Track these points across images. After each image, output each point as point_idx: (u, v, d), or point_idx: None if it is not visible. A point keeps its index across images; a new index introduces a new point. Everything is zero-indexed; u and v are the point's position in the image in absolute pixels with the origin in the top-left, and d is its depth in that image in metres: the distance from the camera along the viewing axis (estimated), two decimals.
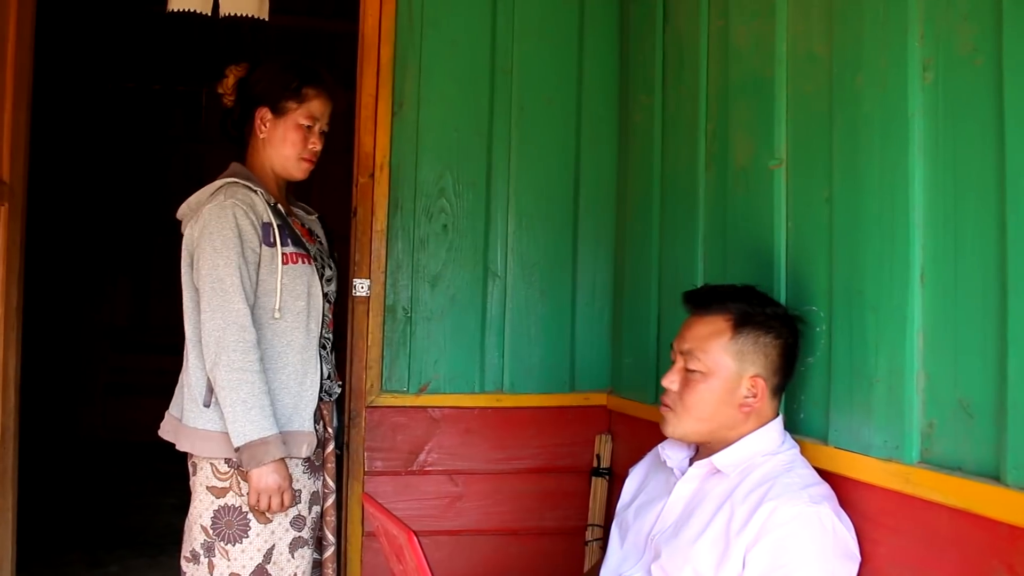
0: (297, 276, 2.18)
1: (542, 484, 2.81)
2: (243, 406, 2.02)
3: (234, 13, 2.66)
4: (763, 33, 2.01)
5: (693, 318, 1.77)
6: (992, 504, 1.33)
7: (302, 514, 2.20)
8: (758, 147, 2.02)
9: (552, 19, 2.89)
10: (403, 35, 2.81)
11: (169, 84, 6.78)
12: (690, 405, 1.71)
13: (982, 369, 1.39)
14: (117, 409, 6.60)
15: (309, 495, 2.22)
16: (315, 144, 2.30)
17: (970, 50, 1.43)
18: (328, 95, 2.31)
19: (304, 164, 2.30)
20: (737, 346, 1.69)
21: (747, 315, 1.71)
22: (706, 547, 1.61)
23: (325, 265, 2.33)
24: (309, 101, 2.27)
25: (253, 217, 2.14)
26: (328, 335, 2.31)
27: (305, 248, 2.23)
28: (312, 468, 2.24)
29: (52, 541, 4.32)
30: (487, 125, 2.84)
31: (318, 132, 2.31)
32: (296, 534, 2.18)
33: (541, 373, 2.85)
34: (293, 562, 2.17)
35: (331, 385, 2.32)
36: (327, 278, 2.31)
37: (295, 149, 2.27)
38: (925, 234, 1.52)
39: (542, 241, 2.87)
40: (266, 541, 2.12)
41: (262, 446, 2.02)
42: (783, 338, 1.73)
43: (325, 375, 2.27)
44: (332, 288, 2.34)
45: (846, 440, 1.68)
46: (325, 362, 2.28)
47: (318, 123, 2.30)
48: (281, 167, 2.29)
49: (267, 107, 2.27)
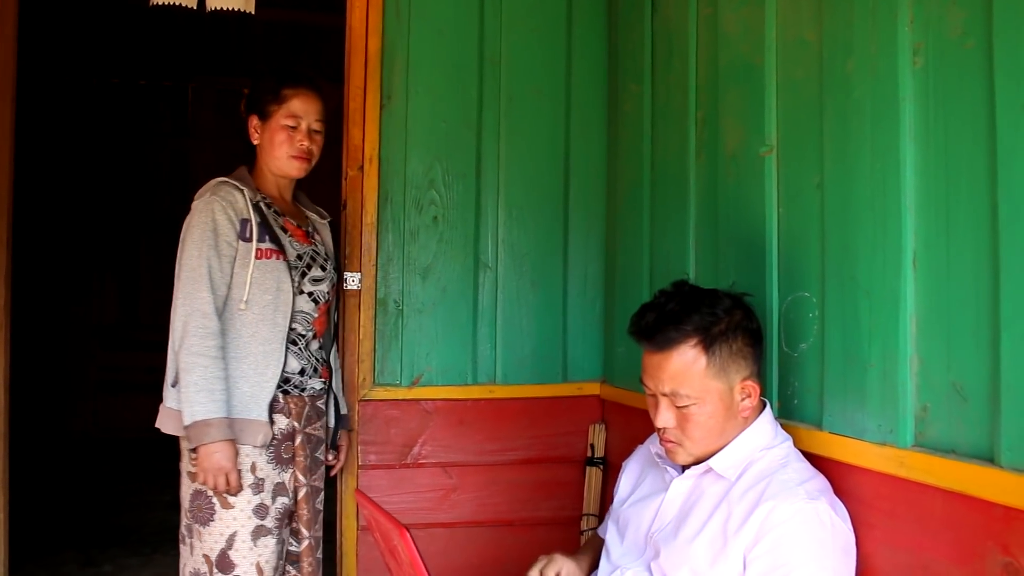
0: (268, 271, 2.27)
1: (536, 475, 2.82)
2: (194, 387, 2.15)
3: (220, 8, 2.65)
4: (752, 19, 2.00)
5: (656, 356, 1.67)
6: (986, 486, 1.33)
7: (265, 503, 2.24)
8: (748, 134, 2.02)
9: (540, 8, 2.89)
10: (390, 27, 2.80)
11: (155, 79, 6.75)
12: (697, 436, 1.67)
13: (975, 352, 1.39)
14: (108, 407, 6.58)
15: (273, 485, 2.26)
16: (303, 142, 2.36)
17: (960, 34, 1.43)
18: (309, 93, 2.38)
19: (295, 162, 2.36)
20: (716, 366, 1.65)
21: (710, 330, 1.65)
22: (703, 546, 1.61)
23: (318, 266, 2.39)
24: (288, 101, 2.35)
25: (232, 213, 2.25)
26: (306, 332, 2.35)
27: (280, 246, 2.29)
28: (279, 459, 2.27)
29: (45, 541, 4.30)
30: (476, 116, 2.84)
31: (306, 130, 2.37)
32: (258, 522, 2.23)
33: (534, 364, 2.85)
34: (255, 550, 2.21)
35: (303, 380, 2.34)
36: (314, 278, 2.37)
37: (283, 149, 2.35)
38: (917, 218, 1.52)
39: (533, 231, 2.87)
40: (228, 526, 2.21)
41: (204, 427, 2.13)
42: (748, 329, 1.70)
43: (297, 370, 2.33)
44: (322, 288, 2.40)
45: (840, 425, 1.68)
46: (297, 357, 2.33)
47: (303, 121, 2.36)
48: (276, 168, 2.39)
49: (255, 114, 2.39)
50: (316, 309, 2.38)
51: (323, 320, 2.41)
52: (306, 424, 2.35)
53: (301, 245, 2.37)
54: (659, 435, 1.73)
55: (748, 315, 1.72)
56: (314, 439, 2.38)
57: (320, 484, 2.43)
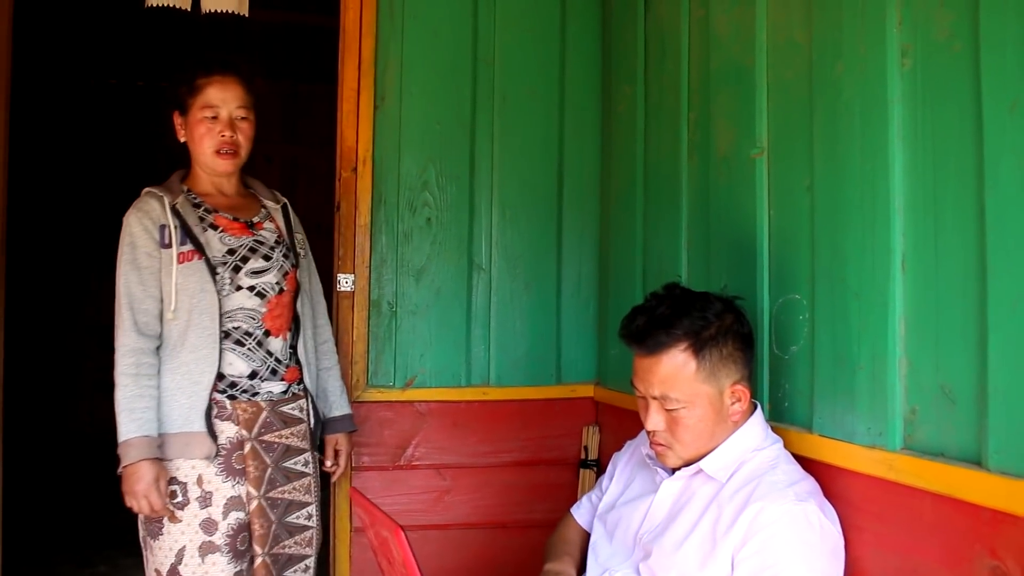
0: (191, 274, 2.15)
1: (530, 476, 2.81)
2: (117, 408, 2.11)
3: (215, 9, 2.65)
4: (743, 21, 2.00)
5: (647, 359, 1.67)
6: (974, 489, 1.33)
7: (213, 518, 2.12)
8: (740, 136, 2.02)
9: (534, 9, 2.89)
10: (384, 28, 2.80)
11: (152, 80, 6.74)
12: (687, 440, 1.67)
13: (963, 355, 1.39)
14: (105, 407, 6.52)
15: (225, 499, 2.13)
16: (225, 132, 2.23)
17: (947, 36, 1.43)
18: (225, 79, 2.25)
19: (220, 159, 2.25)
20: (706, 370, 1.64)
21: (700, 334, 1.65)
22: (693, 549, 1.61)
23: (259, 257, 2.23)
24: (203, 91, 2.24)
25: (148, 223, 2.18)
26: (255, 329, 2.20)
27: (198, 245, 2.16)
28: (230, 471, 2.14)
29: (40, 541, 4.30)
30: (470, 117, 2.84)
31: (227, 119, 2.24)
32: (206, 538, 2.11)
33: (527, 365, 2.85)
34: (203, 567, 2.10)
35: (255, 384, 2.20)
36: (253, 270, 2.21)
37: (204, 143, 2.24)
38: (906, 220, 1.52)
39: (526, 233, 2.86)
40: (176, 541, 2.11)
41: (125, 448, 2.08)
42: (740, 334, 1.70)
43: (245, 372, 2.18)
44: (267, 280, 2.22)
45: (830, 428, 1.68)
46: (246, 359, 2.19)
47: (222, 110, 2.24)
48: (204, 165, 2.28)
49: (176, 110, 2.30)
50: (264, 303, 2.21)
51: (280, 314, 2.24)
52: (263, 432, 2.19)
53: (236, 238, 2.22)
54: (649, 438, 1.73)
55: (739, 319, 1.72)
56: (277, 447, 2.21)
57: (296, 497, 2.24)
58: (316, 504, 2.30)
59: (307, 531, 2.27)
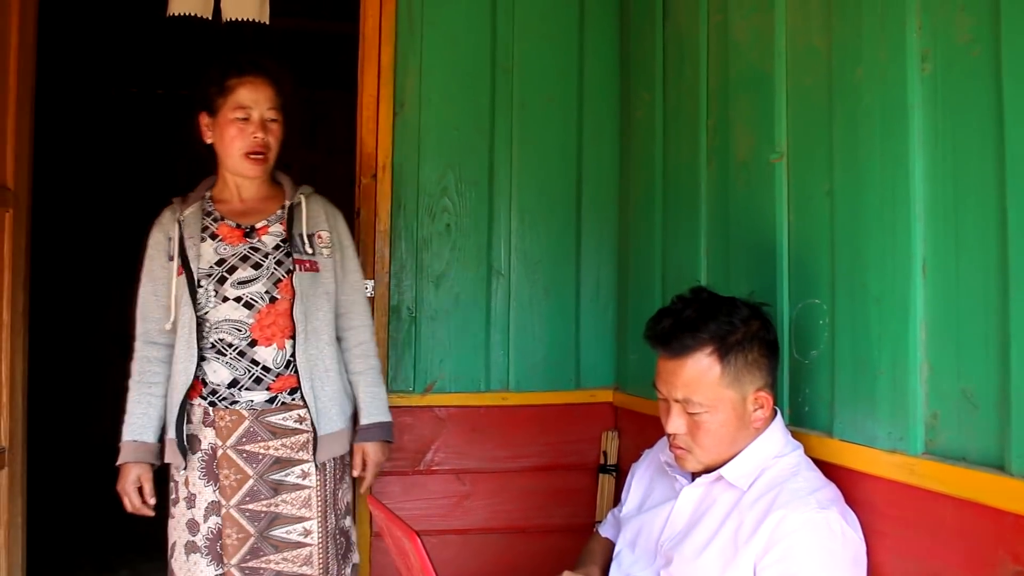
0: (182, 287, 2.20)
1: (549, 482, 2.82)
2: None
3: (235, 17, 2.67)
4: (762, 27, 2.01)
5: (671, 362, 1.67)
6: (997, 494, 1.32)
7: (196, 519, 2.17)
8: (759, 141, 2.02)
9: (552, 16, 2.89)
10: (403, 35, 2.81)
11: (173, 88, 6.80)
12: (707, 444, 1.66)
13: (985, 359, 1.39)
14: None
15: (205, 502, 2.16)
16: (258, 134, 2.22)
17: (968, 41, 1.43)
18: (257, 80, 2.23)
19: (249, 162, 2.23)
20: (731, 375, 1.64)
21: (727, 339, 1.64)
22: (714, 556, 1.61)
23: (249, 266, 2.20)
24: (234, 91, 2.21)
25: (161, 235, 2.28)
26: (238, 340, 2.17)
27: (184, 259, 2.19)
28: (210, 476, 2.17)
29: (62, 547, 4.33)
30: (488, 123, 2.85)
31: (258, 121, 2.22)
32: (190, 537, 2.18)
33: (546, 371, 2.85)
34: (187, 564, 2.17)
35: (235, 393, 2.17)
36: (240, 280, 2.19)
37: (235, 145, 2.22)
38: (926, 226, 1.52)
39: (545, 239, 2.87)
40: (171, 535, 2.23)
41: (121, 449, 2.21)
42: (765, 340, 1.69)
43: (226, 381, 2.17)
44: (254, 289, 2.19)
45: (851, 433, 1.68)
46: (229, 368, 2.17)
47: (254, 111, 2.22)
48: (232, 168, 2.27)
49: (204, 111, 2.27)
50: (253, 314, 2.17)
51: (272, 323, 2.18)
52: (243, 441, 2.16)
53: (231, 247, 2.21)
54: (669, 441, 1.73)
55: (765, 325, 1.72)
56: (263, 458, 2.16)
57: (285, 511, 2.17)
58: (318, 520, 2.20)
59: (302, 548, 2.17)
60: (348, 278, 2.34)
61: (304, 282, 2.22)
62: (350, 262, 2.35)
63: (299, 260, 2.22)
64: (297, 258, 2.22)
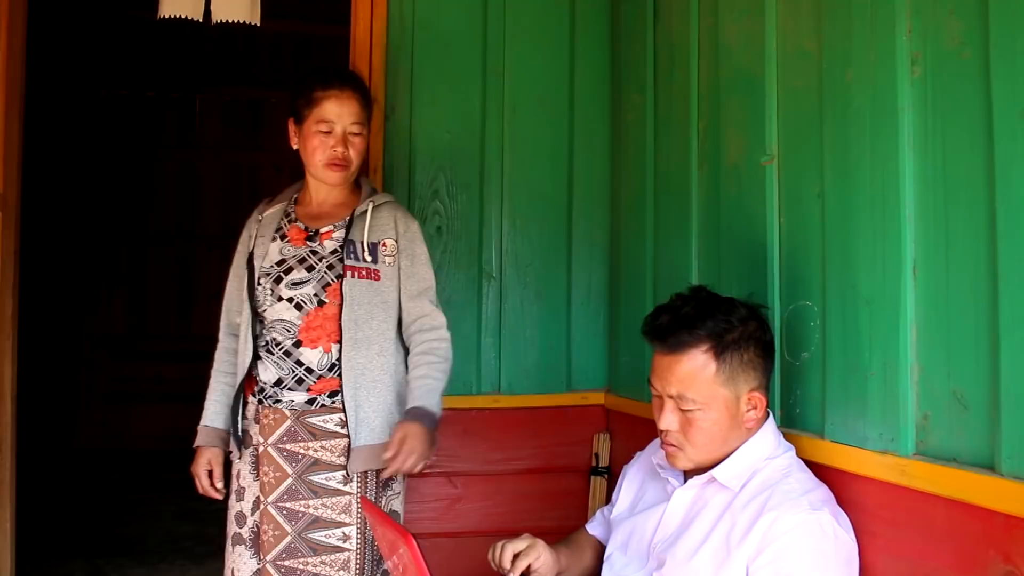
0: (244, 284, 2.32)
1: (541, 484, 2.82)
2: None
3: (226, 19, 2.67)
4: (753, 30, 2.02)
5: (667, 357, 1.68)
6: (987, 494, 1.33)
7: (243, 512, 2.25)
8: (750, 144, 2.03)
9: (543, 20, 2.90)
10: (395, 39, 2.82)
11: (163, 91, 6.79)
12: (699, 442, 1.66)
13: (975, 360, 1.40)
14: (117, 418, 6.60)
15: (253, 496, 2.23)
16: (338, 147, 2.25)
17: (957, 44, 1.44)
18: (343, 93, 2.27)
19: (330, 171, 2.27)
20: (726, 374, 1.64)
21: (723, 337, 1.65)
22: (706, 558, 1.61)
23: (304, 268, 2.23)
24: (320, 105, 2.25)
25: (246, 233, 2.39)
26: (285, 339, 2.21)
27: (250, 257, 2.31)
28: (257, 472, 2.23)
29: (52, 550, 4.31)
30: (480, 127, 2.85)
31: (340, 134, 2.25)
32: (236, 529, 2.26)
33: (538, 373, 2.85)
34: (232, 555, 2.26)
35: (278, 392, 2.21)
36: (293, 282, 2.22)
37: (316, 156, 2.26)
38: (917, 227, 1.52)
39: (536, 241, 2.88)
40: (227, 524, 2.31)
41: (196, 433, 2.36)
42: (761, 341, 1.70)
43: (273, 380, 2.21)
44: (304, 291, 2.21)
45: (842, 434, 1.68)
46: (276, 367, 2.21)
47: (336, 125, 2.25)
48: (315, 174, 2.32)
49: (292, 118, 2.32)
50: (302, 316, 2.20)
51: (319, 326, 2.21)
52: (285, 440, 2.18)
53: (294, 248, 2.26)
54: (661, 438, 1.73)
55: (763, 327, 1.72)
56: (302, 458, 2.18)
57: (325, 514, 2.16)
58: (358, 527, 2.17)
59: (340, 553, 2.16)
60: (415, 286, 2.30)
61: (356, 288, 2.22)
62: (419, 269, 2.31)
63: (351, 267, 2.22)
64: (349, 264, 2.22)
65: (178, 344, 6.52)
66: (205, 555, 4.18)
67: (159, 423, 6.38)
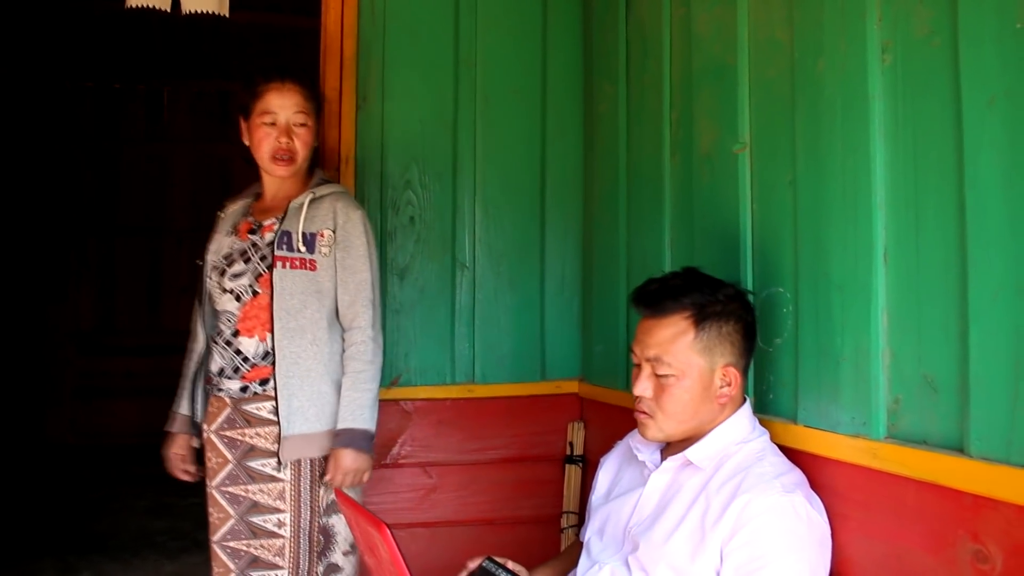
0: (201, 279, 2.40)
1: (516, 473, 2.83)
2: None
3: (195, 10, 2.64)
4: (724, 20, 2.03)
5: (649, 321, 1.73)
6: (957, 475, 1.36)
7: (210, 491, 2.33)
8: (722, 133, 2.04)
9: (515, 10, 2.90)
10: (366, 29, 2.80)
11: (130, 83, 6.71)
12: (670, 410, 1.69)
13: (945, 345, 1.42)
14: (86, 413, 6.54)
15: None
16: (282, 138, 2.29)
17: (927, 32, 1.46)
18: (284, 86, 2.31)
19: (275, 164, 2.31)
20: (703, 342, 1.68)
21: (705, 308, 1.69)
22: (682, 540, 1.62)
23: (241, 261, 2.28)
24: (262, 97, 2.31)
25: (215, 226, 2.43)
26: (226, 329, 2.28)
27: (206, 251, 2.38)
28: None
29: (22, 548, 4.27)
30: (452, 117, 2.85)
31: (284, 125, 2.29)
32: (209, 507, 2.32)
33: (512, 363, 2.86)
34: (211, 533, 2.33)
35: (220, 381, 2.28)
36: (233, 274, 2.28)
37: (262, 147, 2.31)
38: (887, 214, 1.54)
39: (509, 231, 2.88)
40: None
41: None
42: (743, 320, 1.73)
43: (216, 369, 2.30)
44: (241, 283, 2.26)
45: (815, 419, 1.70)
46: (220, 356, 2.29)
47: (279, 116, 2.29)
48: (264, 168, 2.37)
49: (240, 114, 2.38)
50: (240, 307, 2.26)
51: (254, 316, 2.25)
52: (225, 427, 2.26)
53: (239, 242, 2.31)
54: (635, 406, 1.76)
55: (746, 308, 1.76)
56: (240, 445, 2.24)
57: (263, 500, 2.21)
58: (291, 514, 2.20)
59: (276, 539, 2.20)
60: (348, 278, 2.29)
61: (287, 279, 2.23)
62: (354, 262, 2.30)
63: (281, 257, 2.23)
64: (279, 255, 2.23)
65: (148, 338, 6.47)
66: (179, 550, 4.13)
67: (130, 418, 6.33)
